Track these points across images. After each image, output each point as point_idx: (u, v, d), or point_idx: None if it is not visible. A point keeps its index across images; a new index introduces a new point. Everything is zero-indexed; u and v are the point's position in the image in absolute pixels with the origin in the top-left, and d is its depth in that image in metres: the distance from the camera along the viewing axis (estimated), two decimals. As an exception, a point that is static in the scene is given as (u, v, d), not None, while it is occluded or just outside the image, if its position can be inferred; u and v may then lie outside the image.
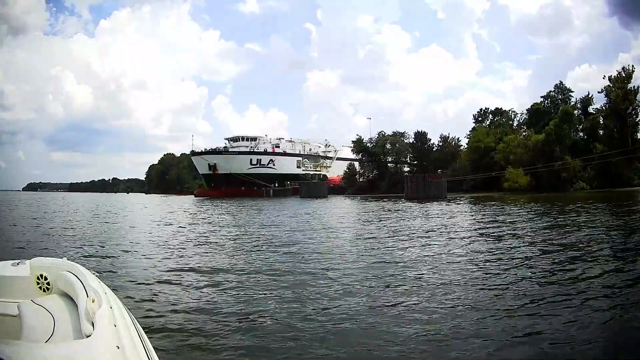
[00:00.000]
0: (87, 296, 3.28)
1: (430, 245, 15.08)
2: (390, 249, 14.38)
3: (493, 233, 17.96)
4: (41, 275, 4.37)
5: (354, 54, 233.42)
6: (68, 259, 4.50)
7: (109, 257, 13.66)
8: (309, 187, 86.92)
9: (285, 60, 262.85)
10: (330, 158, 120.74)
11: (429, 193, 57.72)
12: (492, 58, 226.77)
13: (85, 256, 13.68)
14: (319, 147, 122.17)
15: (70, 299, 3.74)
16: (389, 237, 17.62)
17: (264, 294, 8.80)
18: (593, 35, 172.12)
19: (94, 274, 4.07)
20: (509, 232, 18.27)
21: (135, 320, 3.30)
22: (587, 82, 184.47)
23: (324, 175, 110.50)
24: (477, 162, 74.42)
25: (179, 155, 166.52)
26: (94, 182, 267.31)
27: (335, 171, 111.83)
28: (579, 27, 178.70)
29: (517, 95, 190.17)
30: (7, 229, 23.63)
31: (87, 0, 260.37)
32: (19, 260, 4.62)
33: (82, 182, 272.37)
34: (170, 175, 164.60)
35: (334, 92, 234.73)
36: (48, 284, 4.37)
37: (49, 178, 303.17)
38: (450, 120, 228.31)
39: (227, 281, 9.97)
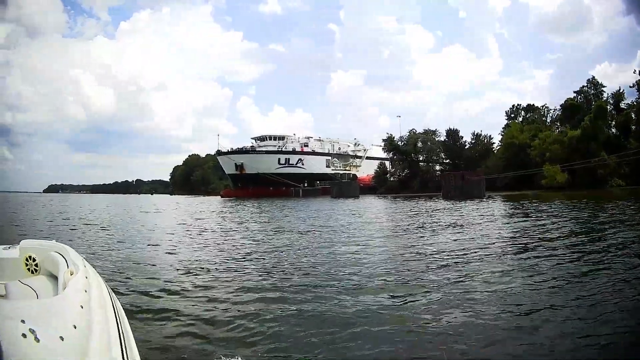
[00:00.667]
0: (67, 268, 3.50)
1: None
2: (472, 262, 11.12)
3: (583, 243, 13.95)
4: (30, 257, 4.55)
5: (377, 54, 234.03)
6: (57, 241, 4.67)
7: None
8: (340, 186, 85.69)
9: (309, 60, 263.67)
10: (360, 157, 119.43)
11: (467, 192, 55.93)
12: (513, 57, 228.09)
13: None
14: (348, 146, 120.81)
15: (56, 278, 3.88)
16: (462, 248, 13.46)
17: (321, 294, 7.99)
18: (611, 33, 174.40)
19: (81, 255, 4.20)
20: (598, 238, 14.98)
21: (115, 297, 3.40)
22: (607, 80, 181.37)
23: (354, 175, 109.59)
24: (512, 160, 72.65)
25: (204, 156, 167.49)
26: (117, 183, 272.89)
27: (365, 170, 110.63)
28: (597, 26, 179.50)
29: (539, 94, 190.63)
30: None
31: (106, 2, 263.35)
32: (10, 245, 4.76)
33: (104, 184, 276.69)
34: (195, 176, 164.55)
35: (358, 92, 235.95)
36: (36, 265, 4.56)
37: (70, 180, 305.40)
38: (473, 119, 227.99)
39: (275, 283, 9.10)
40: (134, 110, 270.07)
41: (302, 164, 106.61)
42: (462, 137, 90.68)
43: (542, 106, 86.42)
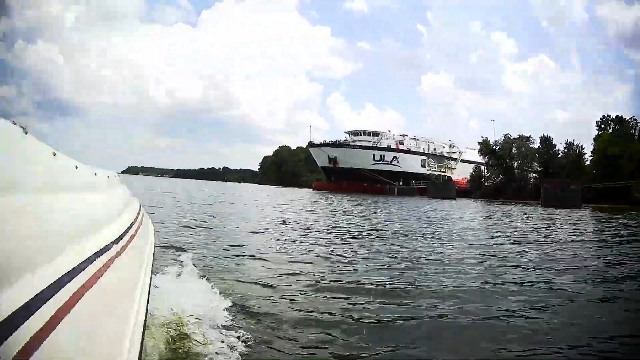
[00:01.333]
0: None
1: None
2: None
3: None
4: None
5: (466, 57, 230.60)
6: None
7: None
8: (437, 187, 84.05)
9: (397, 60, 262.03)
10: (455, 159, 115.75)
11: (566, 201, 53.76)
12: (595, 70, 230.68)
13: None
14: (443, 147, 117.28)
15: None
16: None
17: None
18: None
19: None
20: None
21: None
22: None
23: (449, 177, 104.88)
24: (604, 171, 69.71)
25: (294, 148, 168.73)
26: (203, 169, 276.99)
27: (459, 173, 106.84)
28: None
29: (620, 109, 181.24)
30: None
31: None
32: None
33: (189, 169, 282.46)
34: (285, 168, 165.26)
35: (448, 94, 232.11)
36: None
37: (150, 163, 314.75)
38: (559, 130, 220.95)
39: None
40: (221, 99, 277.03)
41: (397, 162, 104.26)
42: (555, 146, 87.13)
43: (631, 118, 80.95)
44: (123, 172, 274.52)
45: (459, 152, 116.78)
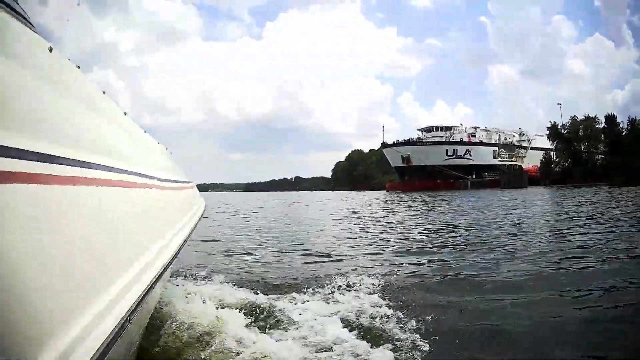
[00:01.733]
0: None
1: None
2: None
3: None
4: None
5: (529, 46, 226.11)
6: None
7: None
8: (509, 177, 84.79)
9: (466, 54, 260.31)
10: (525, 148, 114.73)
11: (634, 178, 53.00)
12: None
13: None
14: (514, 136, 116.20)
15: None
16: None
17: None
18: None
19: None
20: None
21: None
22: None
23: (519, 166, 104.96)
24: None
25: (367, 151, 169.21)
26: (274, 181, 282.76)
27: (530, 161, 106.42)
28: None
29: None
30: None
31: (245, 4, 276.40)
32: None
33: (259, 182, 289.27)
34: (357, 171, 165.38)
35: (514, 84, 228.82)
36: None
37: (222, 179, 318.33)
38: (621, 110, 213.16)
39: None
40: (292, 109, 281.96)
41: (470, 155, 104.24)
42: (620, 124, 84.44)
43: None
44: None
45: (529, 140, 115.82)
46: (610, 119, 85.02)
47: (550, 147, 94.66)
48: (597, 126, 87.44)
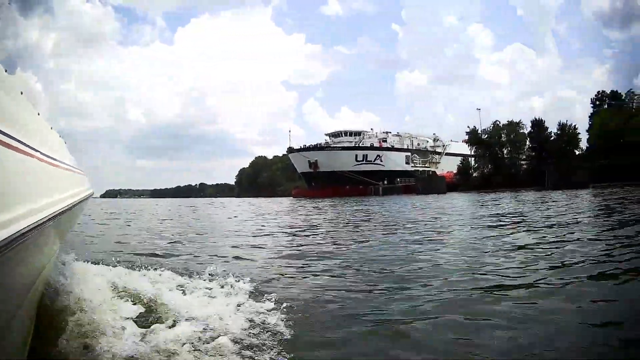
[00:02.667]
0: None
1: None
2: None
3: None
4: None
5: (441, 53, 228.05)
6: None
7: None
8: (426, 182, 79.41)
9: (374, 61, 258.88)
10: (439, 153, 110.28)
11: (571, 183, 53.51)
12: (571, 53, 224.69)
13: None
14: (427, 141, 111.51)
15: None
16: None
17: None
18: None
19: None
20: None
21: None
22: None
23: (433, 172, 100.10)
24: (606, 148, 65.17)
25: (271, 157, 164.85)
26: (179, 187, 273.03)
27: (444, 167, 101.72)
28: None
29: (598, 89, 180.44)
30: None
31: (160, 8, 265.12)
32: None
33: (165, 188, 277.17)
34: (262, 178, 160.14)
35: (424, 91, 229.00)
36: None
37: (129, 185, 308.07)
38: (539, 116, 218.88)
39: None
40: (199, 115, 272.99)
41: (381, 161, 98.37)
42: (548, 128, 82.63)
43: (628, 91, 77.87)
44: (102, 196, 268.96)
45: (444, 146, 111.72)
46: (538, 123, 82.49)
47: (466, 152, 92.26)
48: (521, 131, 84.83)
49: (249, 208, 40.75)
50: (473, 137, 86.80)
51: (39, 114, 3.96)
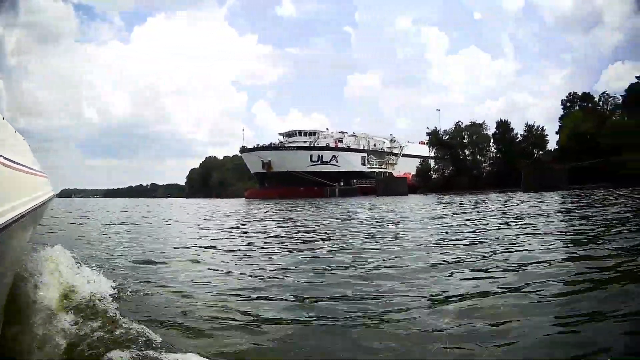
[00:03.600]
0: None
1: None
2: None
3: None
4: None
5: (394, 55, 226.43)
6: None
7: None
8: (388, 183, 75.66)
9: (326, 63, 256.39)
10: (396, 154, 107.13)
11: (550, 184, 50.57)
12: (529, 57, 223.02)
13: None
14: (384, 142, 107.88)
15: None
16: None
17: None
18: (626, 32, 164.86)
19: None
20: None
21: None
22: (621, 81, 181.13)
23: (390, 173, 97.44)
24: (579, 150, 63.25)
25: (221, 158, 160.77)
26: (131, 187, 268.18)
27: (401, 169, 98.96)
28: (612, 25, 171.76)
29: (555, 93, 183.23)
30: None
31: (117, 6, 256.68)
32: None
33: (118, 188, 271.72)
34: (212, 179, 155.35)
35: (375, 94, 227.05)
36: None
37: (84, 184, 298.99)
38: (494, 119, 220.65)
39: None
40: (151, 115, 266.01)
41: (337, 161, 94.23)
42: (513, 129, 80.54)
43: (602, 93, 76.34)
44: (57, 196, 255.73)
45: (400, 147, 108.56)
46: (503, 124, 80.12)
47: (423, 154, 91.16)
48: (484, 132, 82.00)
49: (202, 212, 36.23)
50: (434, 138, 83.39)
51: (3, 118, 3.95)
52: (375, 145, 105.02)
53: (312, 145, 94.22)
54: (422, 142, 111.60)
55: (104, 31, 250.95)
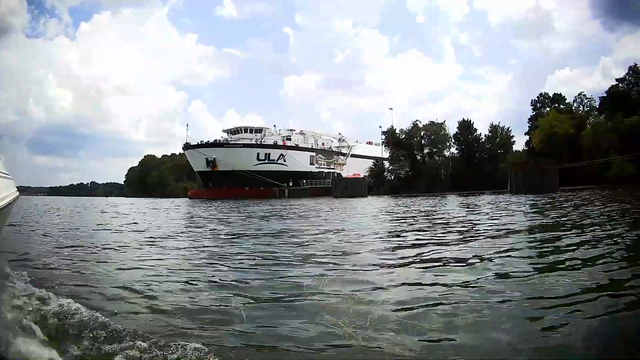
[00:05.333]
0: None
1: None
2: None
3: None
4: None
5: (332, 58, 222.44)
6: None
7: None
8: (346, 184, 68.54)
9: (264, 64, 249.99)
10: (344, 154, 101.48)
11: (539, 185, 46.96)
12: (472, 62, 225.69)
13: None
14: (332, 141, 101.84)
15: None
16: None
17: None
18: (576, 38, 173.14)
19: None
20: None
21: None
22: (568, 86, 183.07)
23: (339, 174, 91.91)
24: (555, 151, 61.78)
25: (160, 156, 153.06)
26: (73, 185, 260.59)
27: (350, 169, 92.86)
28: (562, 31, 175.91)
29: (499, 98, 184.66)
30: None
31: (66, 1, 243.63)
32: None
33: (61, 186, 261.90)
34: (151, 178, 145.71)
35: (312, 96, 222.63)
36: None
37: (30, 182, 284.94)
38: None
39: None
40: (93, 113, 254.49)
41: (284, 161, 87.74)
42: (476, 130, 76.29)
43: (579, 94, 73.84)
44: None
45: (349, 147, 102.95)
46: (466, 124, 75.78)
47: (371, 154, 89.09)
48: (442, 132, 76.36)
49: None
50: (391, 136, 77.69)
51: None
52: (323, 144, 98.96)
53: (259, 142, 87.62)
54: (369, 142, 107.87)
55: (52, 26, 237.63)
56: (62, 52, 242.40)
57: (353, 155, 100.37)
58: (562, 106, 72.95)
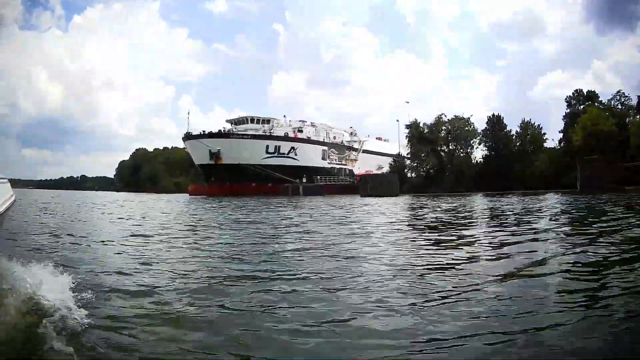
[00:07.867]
0: None
1: None
2: None
3: None
4: None
5: (320, 56, 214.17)
6: None
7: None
8: (376, 182, 56.52)
9: (252, 61, 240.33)
10: (356, 150, 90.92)
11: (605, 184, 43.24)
12: (461, 63, 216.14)
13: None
14: (343, 135, 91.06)
15: None
16: None
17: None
18: (567, 41, 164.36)
19: None
20: None
21: None
22: (559, 89, 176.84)
23: (351, 170, 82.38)
24: (598, 149, 54.60)
25: (151, 150, 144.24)
26: (62, 179, 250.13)
27: (361, 166, 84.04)
28: (553, 34, 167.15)
29: (486, 100, 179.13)
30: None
31: None
32: None
33: (50, 180, 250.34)
34: (142, 172, 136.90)
35: (299, 94, 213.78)
36: None
37: (19, 175, 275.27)
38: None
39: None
40: (84, 108, 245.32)
41: (295, 155, 77.03)
42: (507, 126, 67.92)
43: (618, 92, 65.97)
44: None
45: (360, 142, 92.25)
46: (497, 120, 67.59)
47: (382, 151, 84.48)
48: (466, 128, 67.54)
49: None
50: (414, 130, 67.50)
51: None
52: (335, 137, 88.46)
53: (267, 134, 76.78)
54: (379, 138, 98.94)
55: (46, 19, 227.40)
56: (54, 45, 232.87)
57: (365, 151, 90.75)
58: (596, 104, 65.74)
